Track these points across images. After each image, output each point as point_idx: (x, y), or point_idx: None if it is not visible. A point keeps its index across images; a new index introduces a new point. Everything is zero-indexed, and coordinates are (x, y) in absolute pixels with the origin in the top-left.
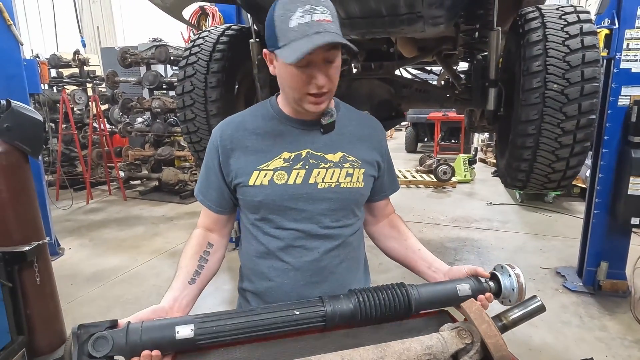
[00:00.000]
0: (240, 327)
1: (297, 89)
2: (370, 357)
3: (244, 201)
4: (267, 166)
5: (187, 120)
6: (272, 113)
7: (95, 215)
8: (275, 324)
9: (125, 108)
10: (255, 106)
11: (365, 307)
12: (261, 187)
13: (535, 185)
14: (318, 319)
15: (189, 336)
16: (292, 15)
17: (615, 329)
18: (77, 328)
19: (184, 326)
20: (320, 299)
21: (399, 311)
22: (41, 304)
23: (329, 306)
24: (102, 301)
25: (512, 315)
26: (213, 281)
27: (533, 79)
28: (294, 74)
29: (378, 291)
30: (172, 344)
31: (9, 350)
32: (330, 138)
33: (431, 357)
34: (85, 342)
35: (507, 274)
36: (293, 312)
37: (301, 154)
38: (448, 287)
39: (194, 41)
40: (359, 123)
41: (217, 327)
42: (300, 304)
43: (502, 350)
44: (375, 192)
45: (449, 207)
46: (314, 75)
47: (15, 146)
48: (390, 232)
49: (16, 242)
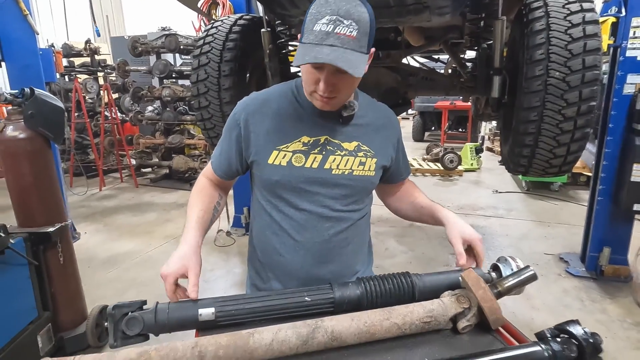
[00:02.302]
0: (255, 310)
1: (308, 85)
2: (378, 318)
3: (260, 178)
4: (286, 147)
5: (201, 108)
6: (296, 96)
7: (108, 202)
8: (287, 308)
9: (135, 97)
10: (280, 86)
11: (372, 294)
12: (279, 167)
13: (537, 170)
14: (327, 305)
15: (210, 318)
16: (321, 19)
17: (615, 312)
18: (112, 309)
19: (206, 309)
20: (329, 286)
21: (403, 299)
22: (64, 282)
23: (337, 292)
24: (118, 283)
25: (506, 283)
26: (224, 265)
27: (535, 67)
28: (306, 71)
29: (384, 280)
30: (196, 323)
31: (37, 324)
32: (347, 128)
33: (432, 319)
34: (119, 321)
35: (509, 265)
36: (304, 298)
37: (320, 140)
38: (452, 277)
39: (208, 31)
40: (375, 114)
41: (236, 310)
42: (311, 290)
43: (496, 314)
44: (393, 177)
45: (455, 195)
46: (320, 80)
47: (38, 132)
48: (401, 200)
49: (40, 224)
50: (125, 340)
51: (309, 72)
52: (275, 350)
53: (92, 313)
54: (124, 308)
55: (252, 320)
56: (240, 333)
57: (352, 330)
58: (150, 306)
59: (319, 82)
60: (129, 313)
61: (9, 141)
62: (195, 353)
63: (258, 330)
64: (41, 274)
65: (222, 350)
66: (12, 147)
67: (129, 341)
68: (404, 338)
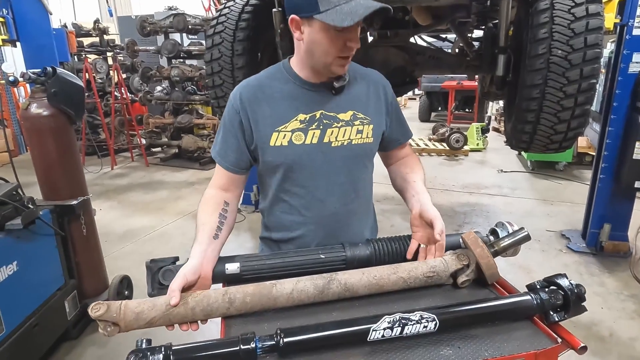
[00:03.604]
0: (276, 266)
1: (331, 53)
2: (386, 272)
3: (265, 161)
4: (285, 128)
5: (215, 86)
6: (286, 76)
7: (120, 180)
8: (304, 264)
9: (144, 77)
10: (269, 69)
11: (380, 253)
12: (281, 147)
13: (539, 146)
14: (340, 262)
15: (235, 272)
16: None
17: (612, 285)
18: (150, 262)
19: (232, 263)
20: (342, 245)
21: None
22: (87, 253)
23: (349, 251)
24: (135, 256)
25: (502, 243)
26: (234, 239)
27: (539, 46)
28: (331, 38)
29: (390, 241)
30: (223, 276)
31: (64, 290)
32: (340, 98)
33: (435, 274)
34: (156, 273)
35: (505, 229)
36: (319, 256)
37: (315, 115)
38: (453, 239)
39: (220, 11)
40: (365, 80)
41: (258, 266)
42: (325, 249)
43: (493, 269)
44: (389, 142)
45: (460, 174)
46: (350, 38)
47: (61, 109)
48: (399, 170)
49: (64, 198)
50: (162, 289)
51: (333, 39)
52: (295, 298)
53: (113, 282)
54: (160, 262)
55: (272, 275)
56: (264, 283)
57: (363, 282)
58: (182, 261)
59: (345, 44)
60: (164, 266)
61: (34, 118)
62: (226, 299)
63: (280, 281)
64: (67, 244)
65: (249, 297)
66: (37, 124)
67: (165, 291)
68: (409, 291)
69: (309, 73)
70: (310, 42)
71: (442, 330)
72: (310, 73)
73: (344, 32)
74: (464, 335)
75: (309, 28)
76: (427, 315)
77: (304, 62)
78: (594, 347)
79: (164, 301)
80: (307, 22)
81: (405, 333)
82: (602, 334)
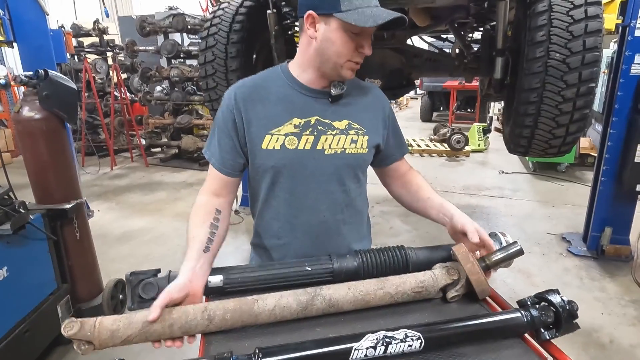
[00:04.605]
0: (259, 278)
1: (344, 55)
2: (372, 287)
3: (255, 164)
4: (278, 131)
5: (209, 89)
6: (284, 79)
7: (119, 181)
8: (289, 276)
9: (144, 77)
10: (266, 72)
11: (368, 265)
12: (273, 151)
13: (537, 150)
14: (326, 274)
15: (218, 284)
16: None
17: (613, 290)
18: (130, 275)
19: (214, 276)
20: (329, 257)
21: (398, 270)
22: (81, 256)
23: (336, 263)
24: (132, 258)
25: (494, 257)
26: (232, 242)
27: (536, 49)
28: (346, 40)
29: (379, 252)
30: (205, 289)
31: (56, 295)
32: (337, 106)
33: (423, 289)
34: (136, 286)
35: (498, 240)
36: (305, 268)
37: (310, 121)
38: (443, 251)
39: (214, 12)
40: (362, 92)
41: (242, 278)
42: (311, 261)
43: (483, 285)
44: (385, 157)
45: (461, 176)
46: (363, 44)
47: (53, 112)
48: (403, 191)
49: (57, 201)
50: (142, 303)
51: (347, 41)
52: (277, 315)
53: (108, 286)
54: (140, 275)
55: (256, 288)
56: (246, 299)
57: (349, 298)
58: (164, 274)
59: (357, 49)
60: (144, 279)
61: (25, 121)
62: (205, 316)
63: (262, 296)
64: (59, 248)
65: (229, 314)
66: (29, 127)
67: (145, 304)
68: (397, 306)
69: (311, 76)
70: (324, 40)
71: (428, 349)
72: (313, 76)
73: (359, 36)
74: (450, 354)
75: (325, 26)
76: (412, 333)
77: (311, 62)
78: (594, 354)
79: (141, 318)
80: (324, 20)
81: (389, 352)
82: (602, 341)
